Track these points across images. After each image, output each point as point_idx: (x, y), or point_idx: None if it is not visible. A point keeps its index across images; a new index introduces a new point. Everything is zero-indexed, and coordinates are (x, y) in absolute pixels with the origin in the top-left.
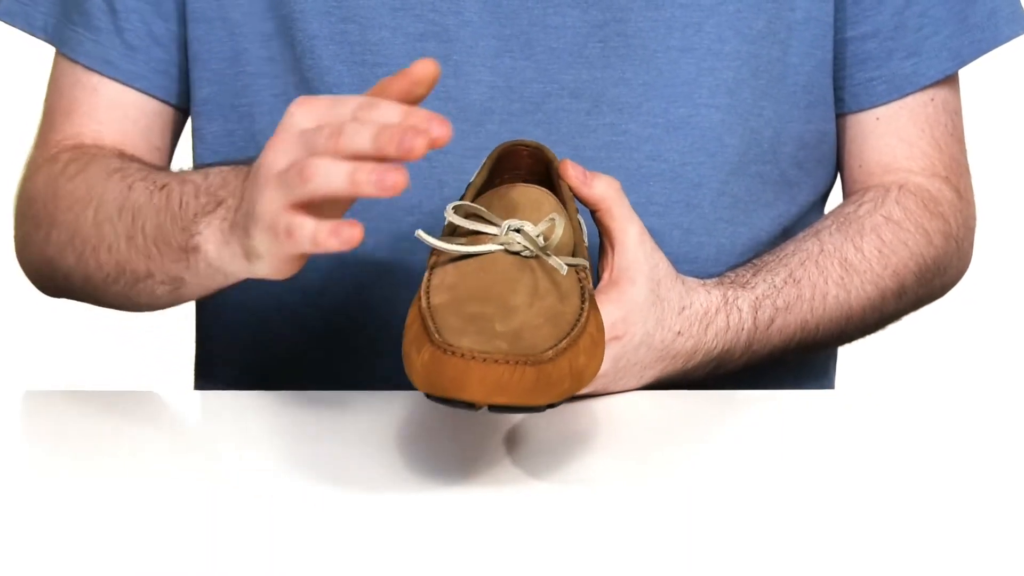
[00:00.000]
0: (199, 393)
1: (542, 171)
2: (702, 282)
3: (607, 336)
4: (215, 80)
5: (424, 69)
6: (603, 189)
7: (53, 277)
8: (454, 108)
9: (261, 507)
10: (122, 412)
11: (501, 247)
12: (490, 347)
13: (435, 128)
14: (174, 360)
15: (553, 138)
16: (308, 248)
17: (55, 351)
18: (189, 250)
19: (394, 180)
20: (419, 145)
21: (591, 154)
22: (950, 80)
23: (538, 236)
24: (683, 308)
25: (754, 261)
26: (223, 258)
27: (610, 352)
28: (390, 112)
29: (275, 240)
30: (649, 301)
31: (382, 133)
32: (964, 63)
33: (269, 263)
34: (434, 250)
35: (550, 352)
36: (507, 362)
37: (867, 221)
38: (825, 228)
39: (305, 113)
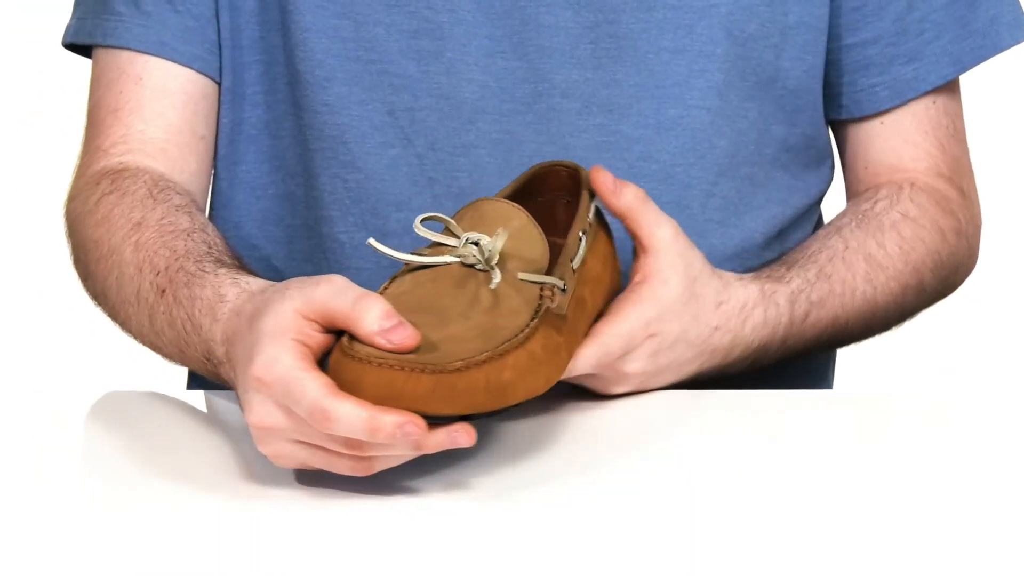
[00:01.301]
0: (199, 393)
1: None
2: (739, 276)
3: (643, 334)
4: (228, 69)
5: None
6: (630, 200)
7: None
8: (446, 105)
9: (260, 507)
10: (122, 412)
11: (458, 259)
12: (387, 354)
13: (413, 435)
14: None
15: (543, 138)
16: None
17: (54, 351)
18: (215, 368)
19: (365, 470)
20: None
21: (582, 154)
22: (951, 84)
23: (489, 251)
24: (720, 303)
25: (784, 258)
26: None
27: (647, 349)
28: (355, 426)
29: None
30: (683, 299)
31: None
32: (965, 69)
33: None
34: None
35: (458, 364)
36: (401, 368)
37: (885, 218)
38: (845, 225)
39: (263, 408)
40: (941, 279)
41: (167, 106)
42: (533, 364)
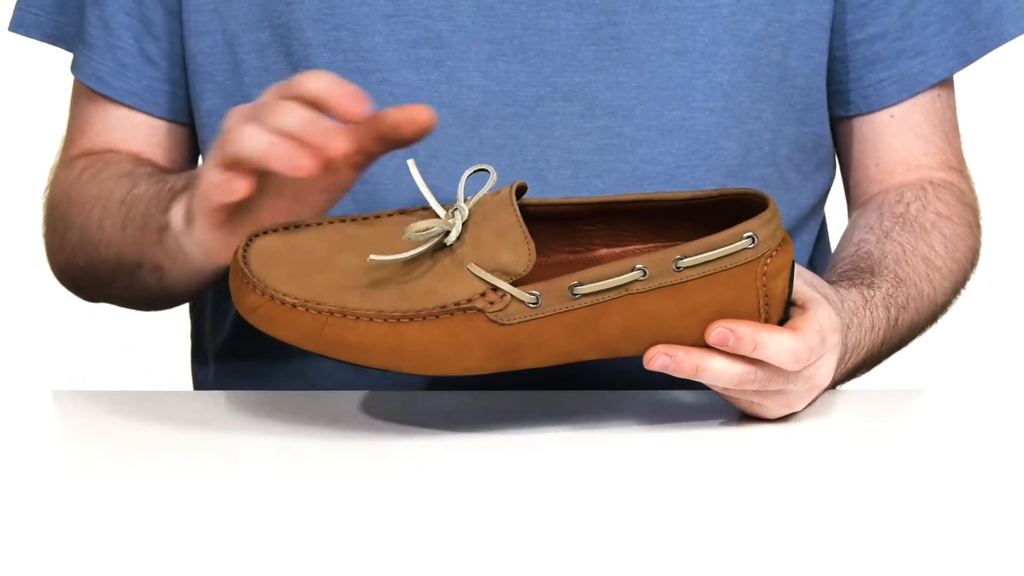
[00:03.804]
0: (199, 393)
1: None
2: (836, 282)
3: (831, 332)
4: (219, 92)
5: (423, 115)
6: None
7: (74, 281)
8: (448, 114)
9: (260, 507)
10: (122, 412)
11: (428, 245)
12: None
13: (337, 144)
14: (174, 360)
15: (547, 142)
16: (214, 195)
17: (54, 351)
18: (163, 228)
19: (305, 164)
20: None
21: (585, 157)
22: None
23: (427, 228)
24: (843, 301)
25: (859, 266)
26: (179, 228)
27: (836, 356)
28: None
29: (197, 193)
30: (829, 300)
31: (309, 124)
32: (970, 61)
33: (199, 227)
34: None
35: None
36: (280, 303)
37: (924, 219)
38: (891, 229)
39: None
40: (972, 271)
41: (130, 135)
42: (406, 348)
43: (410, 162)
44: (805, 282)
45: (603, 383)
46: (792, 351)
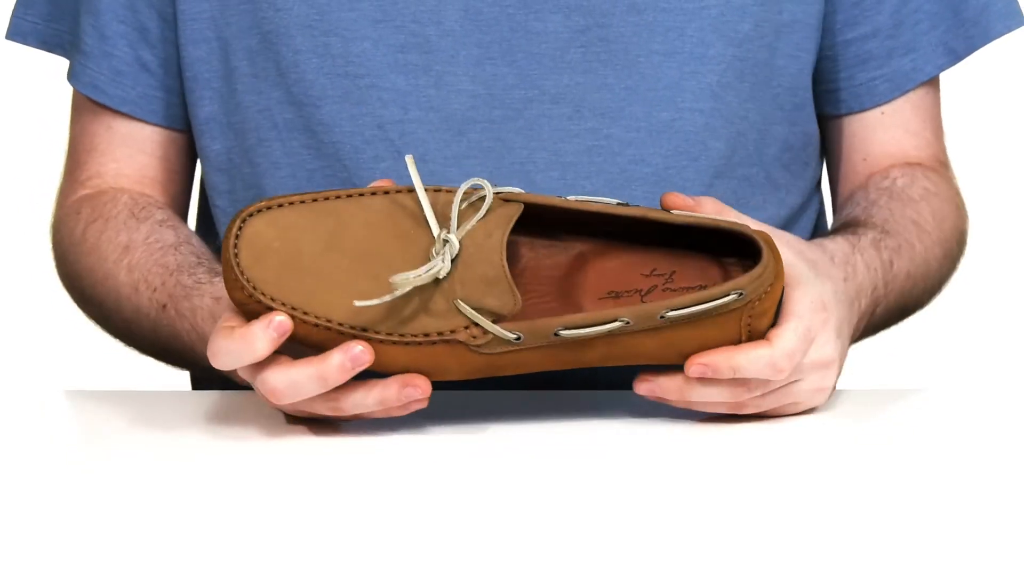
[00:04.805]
0: (199, 393)
1: None
2: (819, 238)
3: (820, 312)
4: (215, 99)
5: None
6: (710, 209)
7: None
8: (436, 118)
9: (260, 507)
10: (122, 411)
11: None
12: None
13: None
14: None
15: (535, 144)
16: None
17: (54, 351)
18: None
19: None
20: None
21: (573, 159)
22: None
23: (416, 275)
24: (832, 257)
25: (843, 226)
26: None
27: (832, 327)
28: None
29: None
30: (812, 271)
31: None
32: (960, 58)
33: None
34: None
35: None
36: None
37: (911, 191)
38: (879, 199)
39: (276, 388)
40: (961, 251)
41: (136, 150)
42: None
43: (408, 158)
44: (793, 252)
45: (597, 383)
46: (770, 363)
